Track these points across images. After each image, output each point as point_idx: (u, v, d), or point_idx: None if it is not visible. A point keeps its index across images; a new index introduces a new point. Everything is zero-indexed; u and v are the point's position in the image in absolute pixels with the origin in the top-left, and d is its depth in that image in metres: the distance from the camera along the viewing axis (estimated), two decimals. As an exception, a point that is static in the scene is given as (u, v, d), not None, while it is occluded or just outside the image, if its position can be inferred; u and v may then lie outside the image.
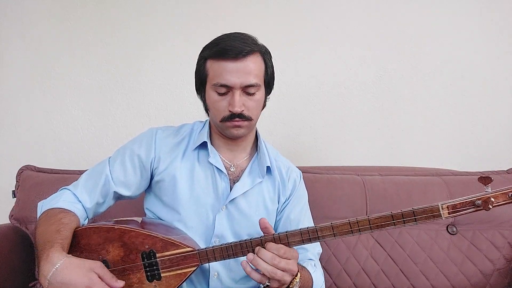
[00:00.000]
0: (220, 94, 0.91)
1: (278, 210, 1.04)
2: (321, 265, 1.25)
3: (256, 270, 0.80)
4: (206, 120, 1.06)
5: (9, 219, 1.34)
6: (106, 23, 1.71)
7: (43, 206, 0.92)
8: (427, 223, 1.27)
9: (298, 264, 0.90)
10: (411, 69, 1.65)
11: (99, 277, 0.76)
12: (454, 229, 1.27)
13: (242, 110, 0.91)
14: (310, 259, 1.01)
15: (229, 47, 0.89)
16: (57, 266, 0.72)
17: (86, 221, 0.95)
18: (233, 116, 0.91)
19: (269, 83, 0.98)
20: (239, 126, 0.92)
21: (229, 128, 0.93)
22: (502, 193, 0.69)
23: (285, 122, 1.68)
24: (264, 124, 1.68)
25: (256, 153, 1.03)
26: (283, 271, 0.77)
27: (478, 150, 1.64)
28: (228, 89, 0.90)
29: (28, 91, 1.72)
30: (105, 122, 1.71)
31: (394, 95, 1.65)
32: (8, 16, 1.71)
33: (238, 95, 0.89)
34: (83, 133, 1.72)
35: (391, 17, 1.65)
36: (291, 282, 0.81)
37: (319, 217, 1.27)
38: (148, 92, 1.71)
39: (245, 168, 1.01)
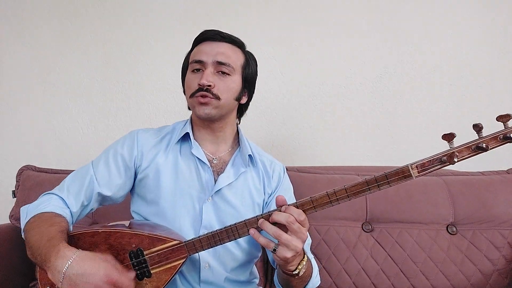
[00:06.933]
0: (194, 72, 0.96)
1: (265, 202, 1.04)
2: (321, 265, 1.26)
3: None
4: (189, 118, 1.07)
5: (9, 219, 1.34)
6: (105, 23, 1.71)
7: (28, 211, 0.89)
8: (427, 223, 1.28)
9: None
10: (411, 69, 1.65)
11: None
12: (454, 229, 1.28)
13: (210, 85, 0.92)
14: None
15: (210, 32, 0.97)
16: (71, 259, 0.73)
17: (71, 227, 0.93)
18: (200, 89, 0.93)
19: (247, 80, 1.01)
20: (206, 104, 0.93)
21: (197, 105, 0.95)
22: (465, 147, 0.72)
23: (285, 122, 1.68)
24: (264, 124, 1.68)
25: (239, 147, 1.05)
26: (293, 234, 0.75)
27: (478, 150, 1.64)
28: (201, 66, 0.94)
29: (28, 91, 1.72)
30: (105, 122, 1.71)
31: (394, 95, 1.66)
32: (8, 16, 1.72)
33: (209, 70, 0.93)
34: (83, 133, 1.72)
35: (391, 17, 1.65)
36: (299, 263, 0.81)
37: (319, 217, 1.28)
38: (148, 92, 1.71)
39: (228, 161, 1.02)
